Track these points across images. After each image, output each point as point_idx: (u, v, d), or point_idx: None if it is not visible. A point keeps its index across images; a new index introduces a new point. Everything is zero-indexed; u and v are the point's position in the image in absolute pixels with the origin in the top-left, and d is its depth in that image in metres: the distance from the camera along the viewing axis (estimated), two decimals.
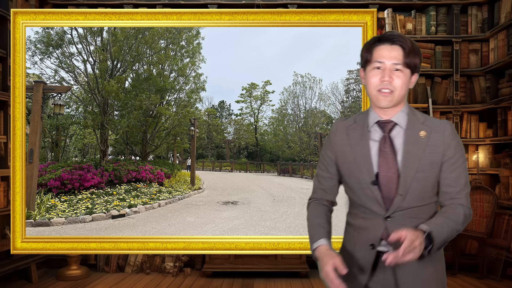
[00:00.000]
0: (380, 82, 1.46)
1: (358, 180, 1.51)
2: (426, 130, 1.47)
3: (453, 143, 1.47)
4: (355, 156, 1.52)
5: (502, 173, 4.53)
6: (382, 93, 1.46)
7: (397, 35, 1.47)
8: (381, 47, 1.47)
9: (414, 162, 1.45)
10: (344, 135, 1.57)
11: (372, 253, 1.50)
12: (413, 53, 1.46)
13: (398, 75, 1.45)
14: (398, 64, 1.45)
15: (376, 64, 1.47)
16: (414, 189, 1.45)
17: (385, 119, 1.51)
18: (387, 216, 1.48)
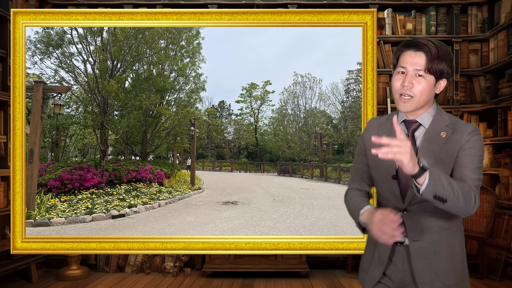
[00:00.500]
0: (401, 87, 1.52)
1: (381, 174, 1.60)
2: (447, 132, 1.53)
3: (472, 140, 1.50)
4: None
5: (502, 173, 4.53)
6: (402, 99, 1.53)
7: (423, 42, 1.51)
8: (406, 53, 1.53)
9: (429, 157, 1.49)
10: (375, 131, 1.66)
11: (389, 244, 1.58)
12: (438, 59, 1.49)
13: (420, 81, 1.50)
14: (420, 70, 1.49)
15: (400, 69, 1.54)
16: None
17: (411, 118, 1.58)
18: (404, 209, 1.56)
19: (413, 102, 1.51)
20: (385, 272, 1.62)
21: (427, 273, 1.54)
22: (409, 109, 1.53)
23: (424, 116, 1.56)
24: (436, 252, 1.54)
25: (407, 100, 1.51)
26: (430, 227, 1.54)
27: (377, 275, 1.62)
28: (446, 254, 1.54)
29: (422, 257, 1.54)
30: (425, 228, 1.55)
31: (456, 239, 1.58)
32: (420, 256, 1.54)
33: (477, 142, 1.51)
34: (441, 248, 1.54)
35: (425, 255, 1.54)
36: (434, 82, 1.52)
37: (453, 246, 1.56)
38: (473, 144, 1.50)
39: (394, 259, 1.60)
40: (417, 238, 1.54)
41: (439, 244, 1.54)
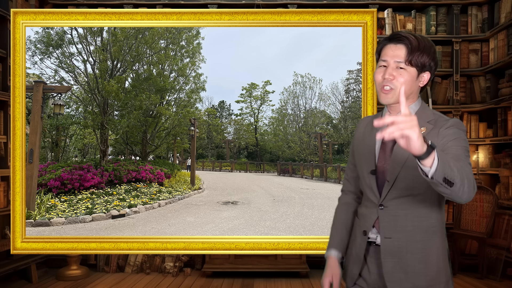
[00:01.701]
0: (382, 79, 1.50)
1: (362, 170, 1.62)
2: (427, 127, 1.49)
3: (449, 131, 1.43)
4: (364, 148, 1.62)
5: (502, 173, 4.53)
6: (383, 90, 1.51)
7: (403, 34, 1.49)
8: (387, 46, 1.52)
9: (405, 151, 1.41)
10: (363, 129, 1.67)
11: (364, 240, 1.59)
12: (418, 51, 1.47)
13: (401, 73, 1.48)
14: (400, 62, 1.48)
15: (382, 62, 1.53)
16: (403, 177, 1.48)
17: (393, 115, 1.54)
18: (380, 204, 1.54)
19: (394, 94, 1.48)
20: (360, 272, 1.61)
21: (396, 272, 1.51)
22: (390, 101, 1.50)
23: None
24: (408, 252, 1.50)
25: (388, 91, 1.49)
26: (404, 225, 1.51)
27: (355, 272, 1.62)
28: (419, 254, 1.50)
29: (393, 255, 1.51)
30: (399, 226, 1.52)
31: (433, 241, 1.51)
32: (390, 254, 1.51)
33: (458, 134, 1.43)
34: (414, 248, 1.50)
35: (396, 253, 1.51)
36: (417, 74, 1.49)
37: (428, 247, 1.50)
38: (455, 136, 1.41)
39: (368, 258, 1.59)
40: (389, 235, 1.52)
41: (412, 243, 1.50)
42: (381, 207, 1.54)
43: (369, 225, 1.57)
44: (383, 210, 1.54)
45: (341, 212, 1.78)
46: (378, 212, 1.55)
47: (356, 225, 1.68)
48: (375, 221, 1.56)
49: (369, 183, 1.57)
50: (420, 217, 1.51)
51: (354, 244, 1.65)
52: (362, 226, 1.61)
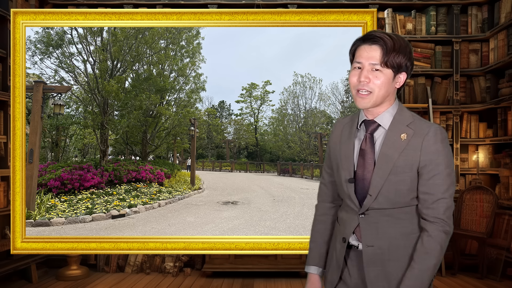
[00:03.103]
0: (357, 82, 1.45)
1: (340, 176, 1.55)
2: (408, 133, 1.44)
3: (432, 148, 1.41)
4: (341, 153, 1.55)
5: (502, 173, 4.53)
6: (359, 94, 1.45)
7: (378, 34, 1.44)
8: (361, 47, 1.47)
9: (388, 164, 1.43)
10: (339, 132, 1.60)
11: (344, 246, 1.54)
12: (394, 52, 1.41)
13: (377, 75, 1.43)
14: (376, 64, 1.43)
15: (356, 64, 1.47)
16: (386, 191, 1.44)
17: (370, 118, 1.51)
18: (361, 213, 1.50)
19: (372, 98, 1.43)
20: (341, 276, 1.57)
21: (380, 280, 1.46)
22: (367, 105, 1.45)
23: (383, 116, 1.48)
24: (391, 259, 1.45)
25: (365, 96, 1.44)
26: (387, 232, 1.46)
27: (335, 277, 1.57)
28: (402, 262, 1.45)
29: (376, 263, 1.46)
30: (381, 234, 1.46)
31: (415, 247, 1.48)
32: (373, 262, 1.46)
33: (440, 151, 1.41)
34: (397, 255, 1.45)
35: (379, 262, 1.46)
36: (393, 76, 1.44)
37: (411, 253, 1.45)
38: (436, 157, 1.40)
39: (349, 262, 1.55)
40: (372, 243, 1.46)
41: (396, 251, 1.45)
42: (362, 215, 1.49)
43: (349, 231, 1.52)
44: (364, 218, 1.48)
45: (319, 225, 1.70)
46: (358, 219, 1.49)
47: (337, 229, 1.61)
48: (355, 228, 1.51)
49: (347, 192, 1.50)
50: (402, 223, 1.47)
51: (334, 249, 1.60)
52: (342, 233, 1.55)
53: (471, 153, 4.92)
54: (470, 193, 4.65)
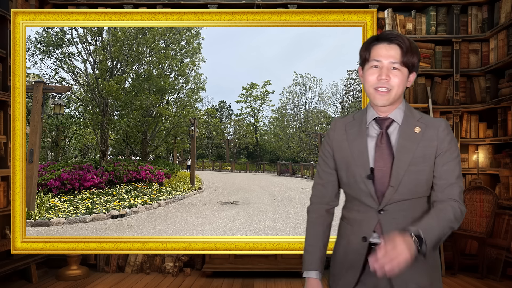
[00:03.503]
0: (377, 81, 1.49)
1: (354, 175, 1.54)
2: (421, 126, 1.51)
3: (447, 138, 1.50)
4: (352, 151, 1.55)
5: (502, 173, 4.53)
6: (379, 92, 1.49)
7: (396, 34, 1.50)
8: (379, 46, 1.50)
9: (407, 155, 1.48)
10: (343, 131, 1.61)
11: (364, 246, 1.53)
12: (410, 52, 1.48)
13: (396, 74, 1.48)
14: (395, 63, 1.48)
15: (374, 62, 1.50)
16: (406, 181, 1.48)
17: (383, 115, 1.55)
18: (380, 210, 1.51)
19: (391, 95, 1.49)
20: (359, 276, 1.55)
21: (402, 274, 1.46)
22: (386, 102, 1.49)
23: (396, 112, 1.54)
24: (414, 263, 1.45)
25: (385, 93, 1.48)
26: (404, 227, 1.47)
27: (352, 280, 1.55)
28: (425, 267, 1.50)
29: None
30: (400, 229, 1.48)
31: None
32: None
33: (452, 141, 1.52)
34: None
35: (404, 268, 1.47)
36: (407, 75, 1.51)
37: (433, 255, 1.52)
38: (450, 146, 1.51)
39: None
40: None
41: None
42: (381, 212, 1.50)
43: (369, 230, 1.52)
44: (383, 215, 1.50)
45: (316, 228, 1.68)
46: (378, 217, 1.50)
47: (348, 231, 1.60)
48: (375, 226, 1.51)
49: (365, 189, 1.51)
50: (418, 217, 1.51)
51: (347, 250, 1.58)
52: (359, 233, 1.54)
53: (471, 153, 4.92)
54: (470, 193, 4.65)
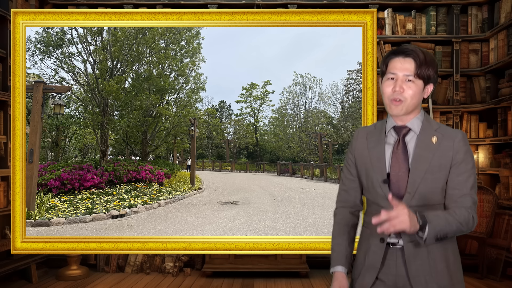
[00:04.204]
0: (392, 92, 1.57)
1: (372, 179, 1.63)
2: (438, 136, 1.58)
3: (463, 149, 1.56)
4: (371, 158, 1.64)
5: (502, 173, 4.53)
6: (393, 102, 1.58)
7: (411, 48, 1.57)
8: (395, 59, 1.58)
9: (424, 164, 1.55)
10: (364, 140, 1.70)
11: (382, 246, 1.60)
12: (425, 65, 1.55)
13: (410, 86, 1.56)
14: (409, 75, 1.55)
15: (390, 75, 1.59)
16: (422, 189, 1.54)
17: (401, 124, 1.62)
18: None
19: (404, 105, 1.56)
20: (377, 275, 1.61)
21: (421, 274, 1.55)
22: (400, 112, 1.57)
23: (413, 122, 1.62)
24: (430, 252, 1.55)
25: (398, 103, 1.56)
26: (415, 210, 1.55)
27: (369, 281, 1.62)
28: (440, 255, 1.56)
29: (417, 258, 1.55)
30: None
31: (450, 241, 1.59)
32: (415, 257, 1.55)
33: (468, 152, 1.57)
34: (434, 249, 1.56)
35: (420, 255, 1.55)
36: (423, 86, 1.58)
37: (445, 247, 1.57)
38: (465, 157, 1.56)
39: (387, 262, 1.60)
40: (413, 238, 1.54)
41: (434, 244, 1.55)
42: None
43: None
44: None
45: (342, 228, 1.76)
46: None
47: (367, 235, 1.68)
48: None
49: (381, 193, 1.59)
50: None
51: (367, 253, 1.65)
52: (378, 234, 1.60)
53: None
54: None
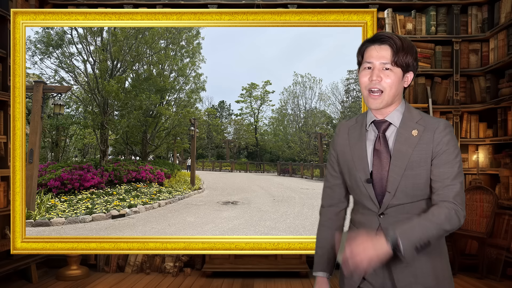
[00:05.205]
0: (369, 82, 1.48)
1: (355, 178, 1.55)
2: (418, 129, 1.49)
3: (444, 140, 1.46)
4: (353, 155, 1.56)
5: (502, 173, 4.53)
6: (371, 95, 1.48)
7: (387, 35, 1.48)
8: (371, 48, 1.50)
9: (403, 160, 1.47)
10: (346, 135, 1.62)
11: None
12: (403, 51, 1.46)
13: (388, 74, 1.47)
14: (386, 63, 1.47)
15: (366, 64, 1.50)
16: (403, 186, 1.47)
17: (380, 118, 1.54)
18: (380, 213, 1.51)
19: (383, 98, 1.48)
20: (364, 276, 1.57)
21: (406, 276, 1.50)
22: (379, 105, 1.49)
23: (393, 114, 1.53)
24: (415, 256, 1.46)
25: (377, 97, 1.48)
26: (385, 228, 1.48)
27: (356, 280, 1.57)
28: (424, 256, 1.49)
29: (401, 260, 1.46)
30: None
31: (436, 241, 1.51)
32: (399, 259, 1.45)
33: (450, 142, 1.47)
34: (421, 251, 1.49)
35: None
36: (402, 75, 1.49)
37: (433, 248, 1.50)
38: (447, 148, 1.46)
39: None
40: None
41: None
42: (382, 216, 1.51)
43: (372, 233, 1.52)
44: (384, 218, 1.51)
45: (325, 231, 1.71)
46: (379, 220, 1.51)
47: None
48: (377, 228, 1.52)
49: (365, 193, 1.53)
50: None
51: None
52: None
53: (471, 153, 4.92)
54: (470, 193, 4.65)
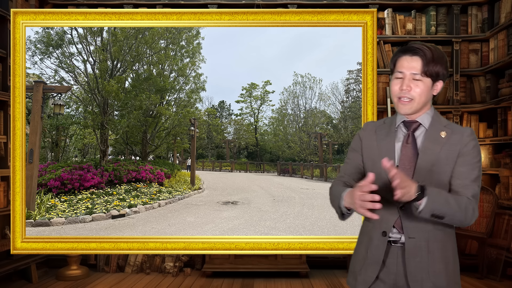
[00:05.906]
0: (399, 91, 1.59)
1: (380, 172, 1.60)
2: (447, 131, 1.59)
3: (471, 143, 1.56)
4: (380, 151, 1.65)
5: (502, 173, 4.53)
6: (401, 101, 1.59)
7: (418, 46, 1.58)
8: (402, 58, 1.60)
9: (430, 156, 1.56)
10: (373, 133, 1.71)
11: (384, 241, 1.59)
12: (433, 62, 1.55)
13: (417, 84, 1.57)
14: (416, 74, 1.56)
15: (398, 74, 1.60)
16: (428, 181, 1.54)
17: (411, 119, 1.64)
18: (401, 206, 1.57)
19: (413, 104, 1.58)
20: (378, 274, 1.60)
21: (419, 272, 1.54)
22: (408, 111, 1.59)
23: (423, 117, 1.62)
24: (429, 251, 1.55)
25: (407, 102, 1.58)
26: (425, 226, 1.55)
27: (372, 275, 1.60)
28: (439, 254, 1.55)
29: (416, 255, 1.55)
30: (420, 226, 1.56)
31: (449, 241, 1.59)
32: (414, 254, 1.55)
33: (476, 149, 1.57)
34: (434, 247, 1.55)
35: (419, 253, 1.55)
36: (431, 84, 1.58)
37: (446, 247, 1.58)
38: (472, 151, 1.56)
39: (388, 260, 1.60)
40: (413, 235, 1.55)
41: (433, 243, 1.56)
42: (403, 208, 1.57)
43: (389, 225, 1.59)
44: (404, 210, 1.57)
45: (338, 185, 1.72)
46: (399, 212, 1.57)
47: (369, 228, 1.66)
48: (395, 221, 1.58)
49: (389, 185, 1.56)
50: None
51: (368, 247, 1.63)
52: (380, 228, 1.60)
53: None
54: None
